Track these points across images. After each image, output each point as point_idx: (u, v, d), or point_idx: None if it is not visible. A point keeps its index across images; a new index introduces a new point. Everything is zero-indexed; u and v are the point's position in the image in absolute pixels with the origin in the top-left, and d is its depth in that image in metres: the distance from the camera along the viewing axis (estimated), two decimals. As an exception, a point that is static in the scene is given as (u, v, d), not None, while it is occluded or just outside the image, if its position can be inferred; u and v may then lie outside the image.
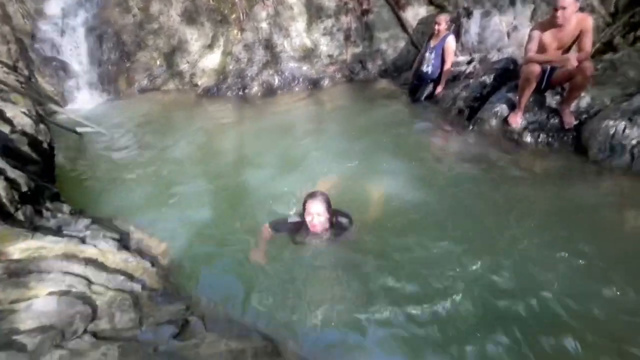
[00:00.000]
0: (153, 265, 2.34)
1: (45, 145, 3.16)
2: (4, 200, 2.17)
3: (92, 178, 3.53)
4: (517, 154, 3.44)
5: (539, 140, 3.52)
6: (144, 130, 4.60)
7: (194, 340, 1.74)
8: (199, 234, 2.71)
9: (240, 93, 5.80)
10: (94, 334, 1.72)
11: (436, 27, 4.63)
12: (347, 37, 6.08)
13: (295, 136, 4.31)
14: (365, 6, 5.96)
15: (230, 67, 5.92)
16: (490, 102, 3.92)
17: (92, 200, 3.13)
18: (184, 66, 6.19)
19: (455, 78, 4.82)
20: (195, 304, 2.07)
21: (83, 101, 5.46)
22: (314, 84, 5.90)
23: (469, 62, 4.83)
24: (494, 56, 4.39)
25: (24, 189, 2.37)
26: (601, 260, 2.10)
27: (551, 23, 3.26)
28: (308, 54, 6.04)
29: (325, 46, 6.06)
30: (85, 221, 2.53)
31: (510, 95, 3.82)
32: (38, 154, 2.97)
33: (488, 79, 4.18)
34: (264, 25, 5.91)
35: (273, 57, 5.93)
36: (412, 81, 5.11)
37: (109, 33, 5.79)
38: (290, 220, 2.40)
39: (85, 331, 1.70)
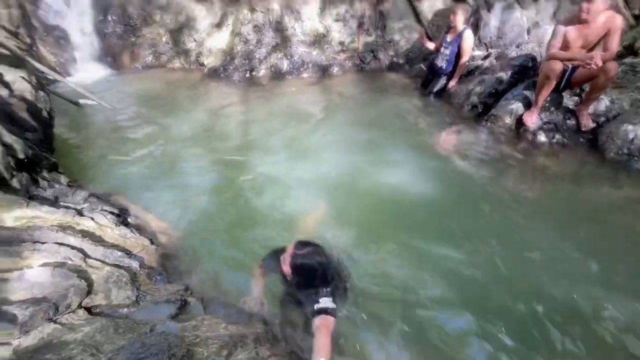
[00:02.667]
0: (152, 243, 2.26)
1: (44, 113, 3.04)
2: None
3: (92, 152, 3.41)
4: (531, 153, 3.35)
5: (554, 140, 3.43)
6: (147, 107, 4.46)
7: (193, 322, 1.66)
8: (200, 216, 2.62)
9: (248, 75, 5.64)
10: (89, 310, 1.64)
11: (451, 17, 4.47)
12: (360, 25, 5.91)
13: (303, 123, 4.18)
14: (381, -6, 5.80)
15: (239, 47, 5.75)
16: (506, 99, 3.81)
17: (91, 174, 3.03)
18: (190, 44, 6.01)
19: (469, 73, 4.69)
20: (195, 286, 1.99)
21: (85, 73, 5.29)
22: (323, 71, 5.74)
23: (485, 57, 4.69)
24: (512, 52, 4.26)
25: (21, 155, 2.27)
26: (610, 265, 2.03)
27: (577, 19, 3.13)
28: (319, 40, 5.87)
29: (337, 32, 5.89)
30: (83, 193, 2.44)
31: (527, 93, 3.71)
32: (37, 122, 2.85)
33: (505, 75, 4.06)
34: (275, 6, 5.73)
35: (283, 40, 5.76)
36: (426, 74, 4.98)
37: (115, 5, 5.61)
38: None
39: (79, 306, 1.63)
